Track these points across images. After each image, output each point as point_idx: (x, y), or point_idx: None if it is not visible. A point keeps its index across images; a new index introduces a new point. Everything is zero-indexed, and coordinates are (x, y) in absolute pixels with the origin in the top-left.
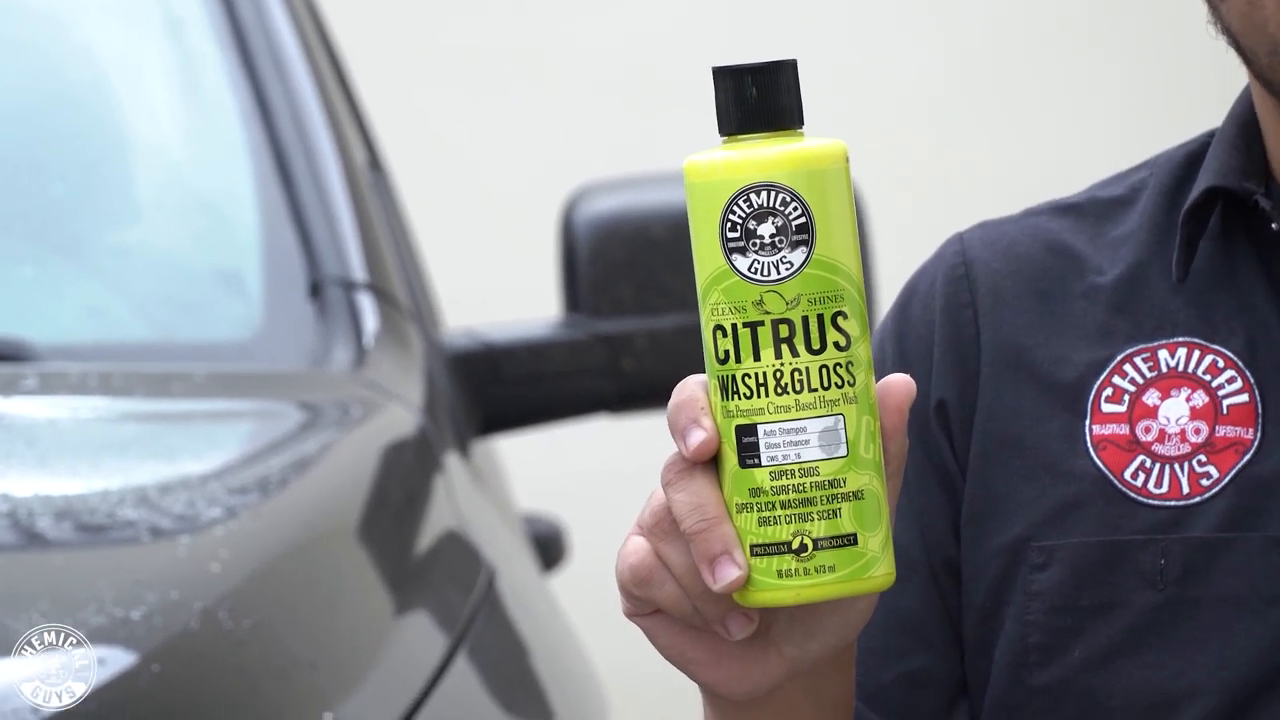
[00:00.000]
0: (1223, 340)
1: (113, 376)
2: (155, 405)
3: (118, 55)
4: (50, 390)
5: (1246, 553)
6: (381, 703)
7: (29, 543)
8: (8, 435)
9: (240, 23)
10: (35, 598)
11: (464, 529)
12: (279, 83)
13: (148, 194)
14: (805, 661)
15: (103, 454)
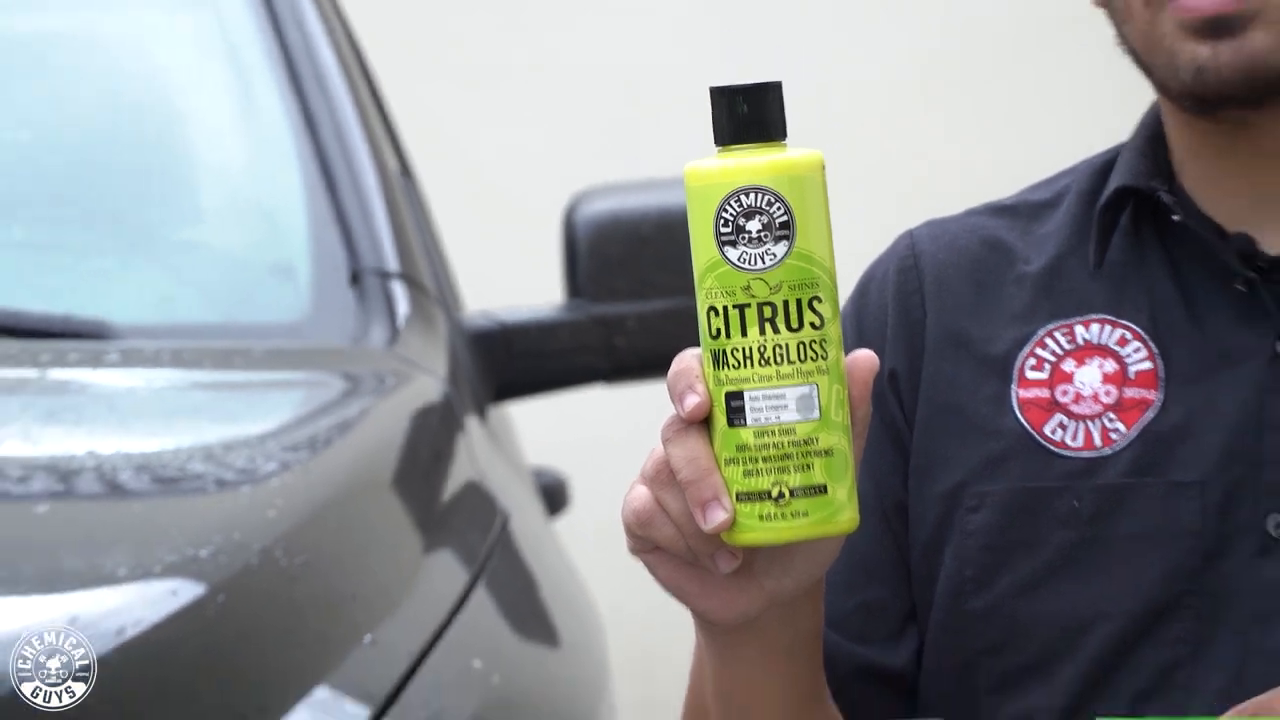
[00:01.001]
0: (1131, 317)
1: (182, 352)
2: (219, 376)
3: (185, 79)
4: (129, 364)
5: (1149, 496)
6: (412, 627)
7: (113, 492)
8: (93, 401)
9: (289, 49)
10: (119, 539)
11: (482, 480)
12: (323, 101)
13: (211, 198)
14: (783, 593)
15: (174, 417)
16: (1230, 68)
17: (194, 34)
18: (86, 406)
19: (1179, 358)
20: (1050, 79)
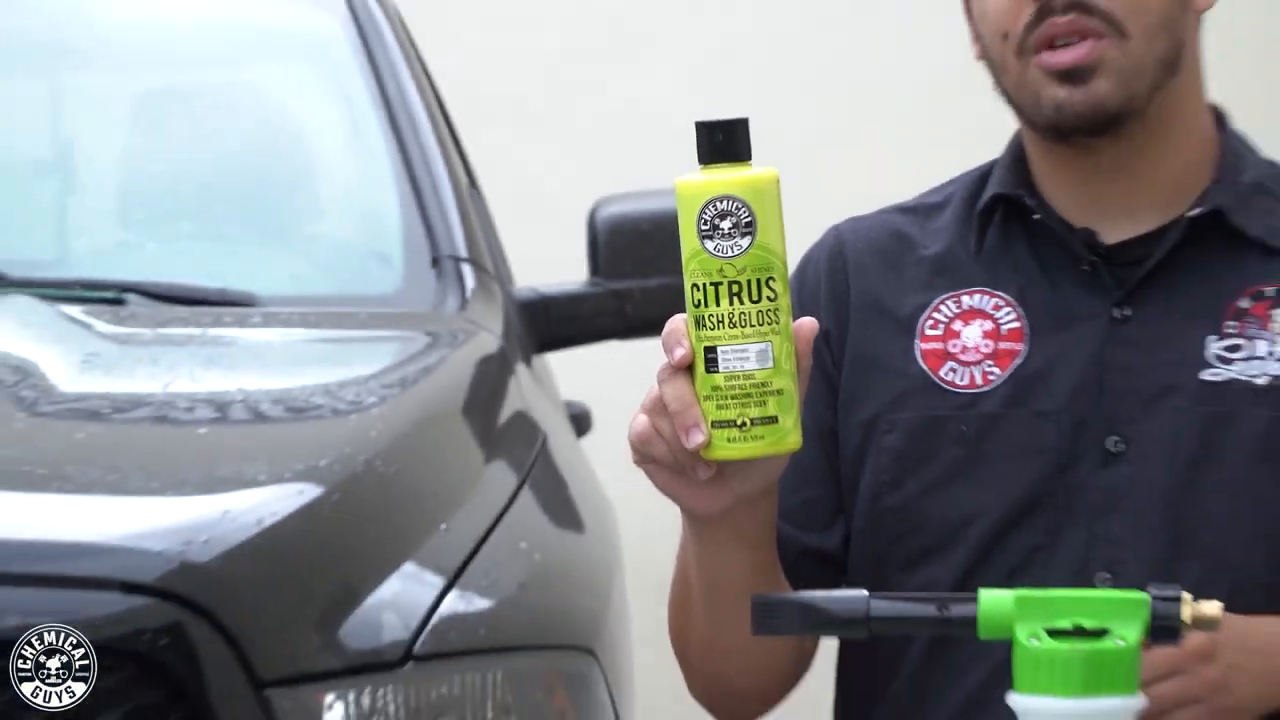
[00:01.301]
0: (1003, 288)
1: (308, 315)
2: (334, 334)
3: (311, 116)
4: (268, 324)
5: (1017, 422)
6: (476, 517)
7: (256, 419)
8: (242, 351)
9: (386, 92)
10: (260, 452)
11: (527, 410)
12: (411, 131)
13: (330, 203)
14: (746, 494)
15: (301, 363)
16: (1080, 106)
17: (316, 82)
18: (237, 355)
19: (1039, 319)
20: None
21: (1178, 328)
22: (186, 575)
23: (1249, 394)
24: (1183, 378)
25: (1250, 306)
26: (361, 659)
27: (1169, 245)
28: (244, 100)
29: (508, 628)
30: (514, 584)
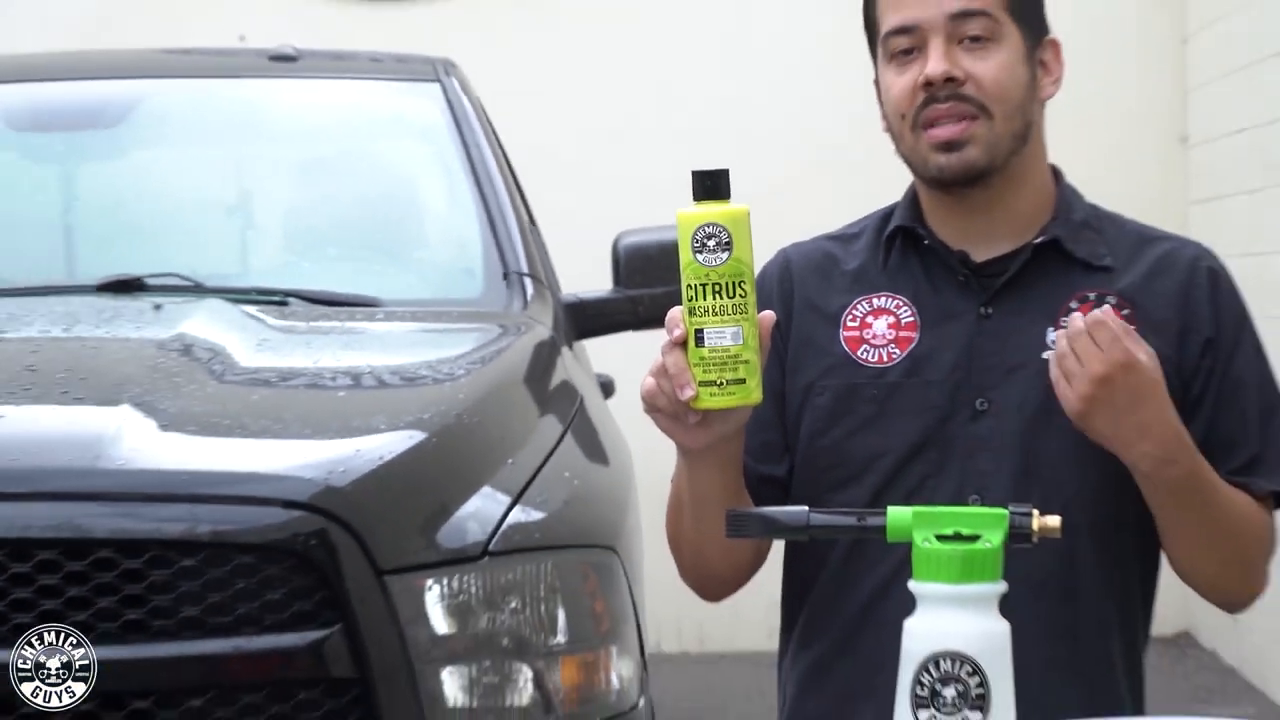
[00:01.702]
0: (902, 293)
1: (416, 313)
2: (434, 325)
3: (416, 171)
4: (388, 320)
5: (912, 388)
6: (533, 455)
7: (379, 385)
8: (369, 338)
9: (471, 155)
10: (382, 409)
11: (570, 379)
12: (489, 183)
13: (432, 234)
14: (722, 434)
15: (411, 346)
16: (956, 167)
17: (423, 149)
18: (365, 341)
19: (928, 315)
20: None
21: (1026, 322)
22: (329, 496)
23: None
24: (1029, 357)
25: (1078, 307)
26: (451, 554)
27: (1020, 263)
28: (372, 162)
29: (555, 532)
30: (560, 501)
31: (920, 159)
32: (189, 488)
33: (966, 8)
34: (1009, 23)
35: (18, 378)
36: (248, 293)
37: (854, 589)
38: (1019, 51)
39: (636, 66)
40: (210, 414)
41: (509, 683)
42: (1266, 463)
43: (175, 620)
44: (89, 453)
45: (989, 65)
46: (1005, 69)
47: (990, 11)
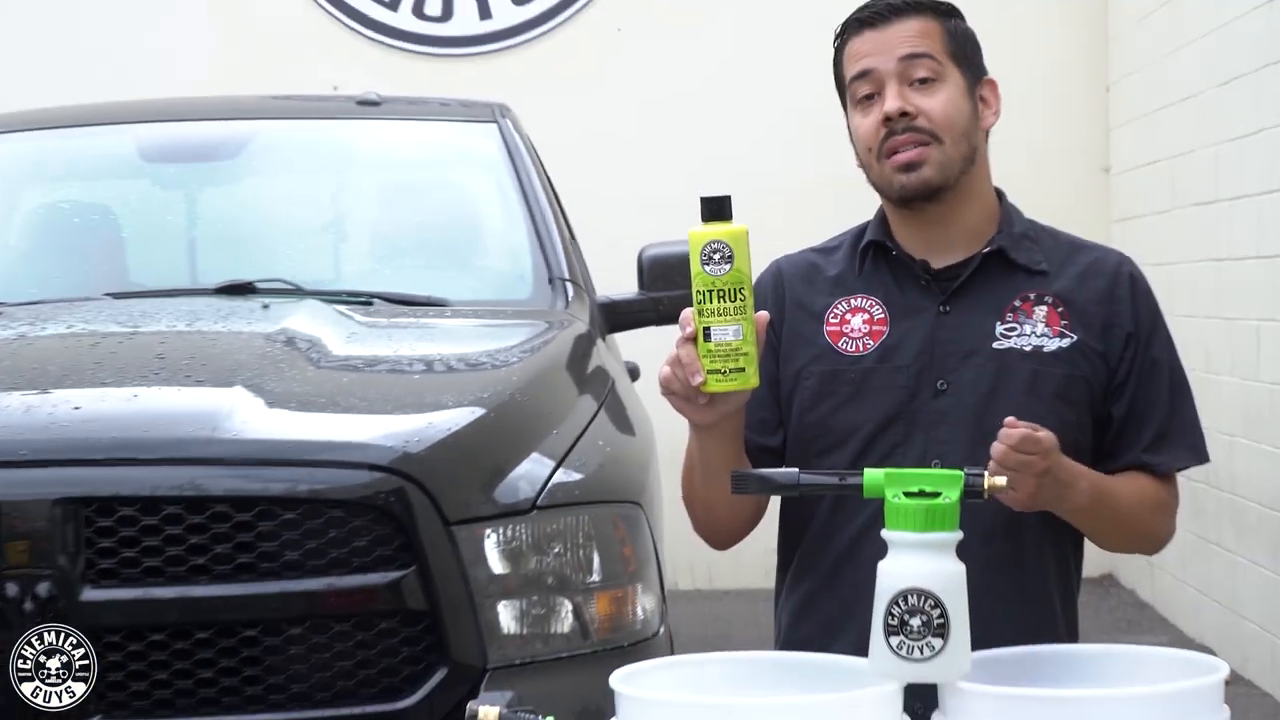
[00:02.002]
0: (875, 295)
1: (477, 311)
2: (491, 321)
3: (476, 193)
4: (455, 317)
5: (883, 372)
6: (573, 426)
7: (447, 370)
8: (439, 332)
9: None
10: (449, 389)
11: (603, 364)
12: (537, 205)
13: (490, 246)
14: (725, 413)
15: (473, 338)
16: (916, 185)
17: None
18: (435, 334)
19: (896, 313)
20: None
21: (977, 317)
22: (406, 460)
23: (1019, 356)
24: (981, 346)
25: (1020, 305)
26: (506, 508)
27: (971, 269)
28: (440, 188)
29: (590, 490)
30: (595, 465)
31: (886, 182)
32: (291, 454)
33: (913, 51)
34: (950, 65)
35: (150, 364)
36: (339, 295)
37: (836, 537)
38: (961, 88)
39: (658, 111)
40: (308, 393)
41: (553, 614)
42: (1174, 435)
43: (279, 563)
44: (208, 425)
45: (936, 100)
46: (950, 103)
47: (933, 54)
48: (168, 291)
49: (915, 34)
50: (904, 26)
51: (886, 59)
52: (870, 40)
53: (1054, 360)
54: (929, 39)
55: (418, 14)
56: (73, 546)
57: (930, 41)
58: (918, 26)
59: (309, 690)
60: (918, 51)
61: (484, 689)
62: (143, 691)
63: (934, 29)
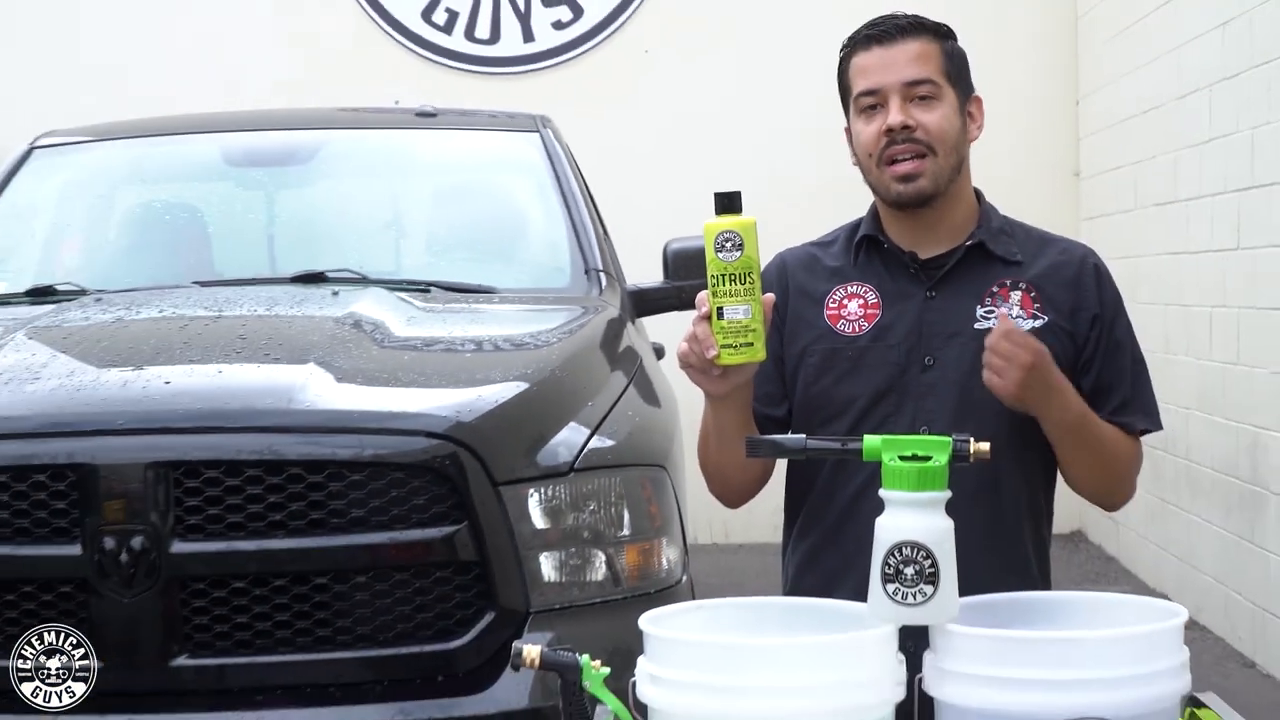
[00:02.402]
0: (869, 282)
1: (522, 297)
2: (534, 306)
3: (520, 194)
4: (502, 302)
5: (878, 350)
6: (606, 398)
7: (495, 349)
8: (488, 316)
9: (561, 184)
10: (496, 366)
11: (633, 344)
12: (575, 206)
13: (534, 240)
14: (736, 384)
15: (518, 321)
16: (910, 194)
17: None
18: (484, 318)
19: (888, 298)
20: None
21: (960, 302)
22: (459, 429)
23: None
24: (964, 327)
25: (998, 290)
26: (546, 470)
27: (955, 259)
28: (489, 189)
29: (621, 454)
30: (625, 433)
31: (884, 187)
32: (357, 423)
33: (916, 77)
34: (946, 86)
35: (232, 344)
36: (400, 283)
37: (837, 496)
38: (954, 106)
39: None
40: (372, 369)
41: (588, 564)
42: (1135, 404)
43: (346, 519)
44: (284, 398)
45: (933, 116)
46: (945, 119)
47: (933, 78)
48: (248, 280)
49: (917, 56)
50: (908, 47)
51: (893, 79)
52: (877, 56)
53: None
54: (929, 61)
55: (469, 37)
56: (163, 505)
57: (930, 64)
58: (919, 48)
59: (372, 632)
60: (920, 78)
61: (527, 631)
62: (225, 633)
63: (934, 51)
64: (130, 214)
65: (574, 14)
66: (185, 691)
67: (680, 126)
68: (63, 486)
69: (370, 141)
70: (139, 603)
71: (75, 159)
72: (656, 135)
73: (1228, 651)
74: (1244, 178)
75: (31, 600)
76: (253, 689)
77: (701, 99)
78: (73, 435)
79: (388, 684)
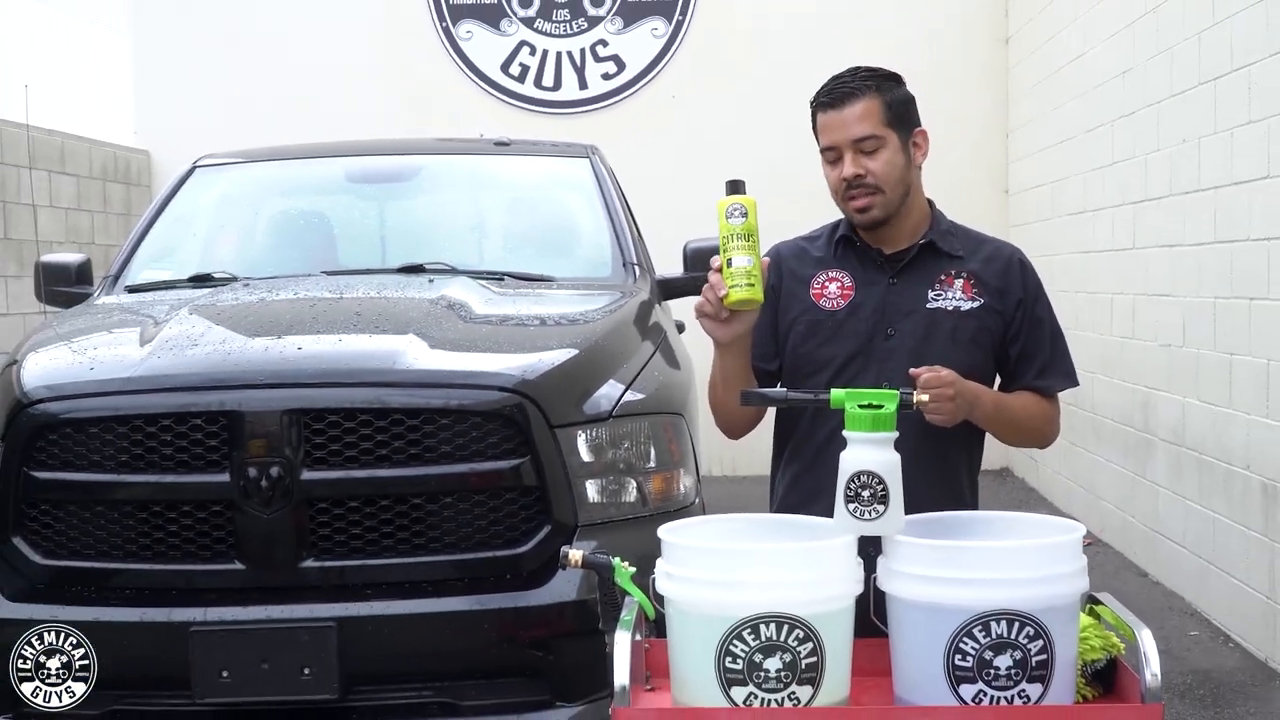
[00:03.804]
0: (845, 269)
1: (574, 284)
2: (583, 291)
3: (576, 207)
4: (559, 289)
5: (851, 322)
6: (637, 362)
7: (550, 324)
8: (548, 299)
9: (605, 197)
10: (550, 338)
11: (660, 321)
12: (617, 214)
13: (584, 241)
14: (740, 331)
15: (569, 303)
16: (866, 222)
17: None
18: (545, 300)
19: (859, 283)
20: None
21: (916, 287)
22: (524, 384)
23: (945, 313)
24: (918, 306)
25: (944, 279)
26: (591, 416)
27: (912, 254)
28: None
29: (649, 404)
30: (652, 388)
31: (848, 214)
32: (446, 380)
33: (862, 135)
34: (889, 131)
35: (351, 318)
36: (481, 273)
37: (815, 435)
38: (896, 148)
39: (699, 150)
40: (458, 338)
41: (623, 489)
42: (1052, 368)
43: (437, 454)
44: (390, 359)
45: (878, 163)
46: (888, 164)
47: (875, 133)
48: (364, 270)
49: (862, 116)
50: (854, 109)
51: (844, 138)
52: (832, 118)
53: (968, 316)
54: (870, 118)
55: (537, 85)
56: (295, 443)
57: (871, 120)
58: (863, 109)
59: (456, 541)
60: (864, 135)
61: (575, 540)
62: (342, 542)
63: (875, 107)
64: (272, 218)
65: (618, 68)
66: (310, 587)
67: (697, 153)
68: (215, 429)
69: (459, 164)
70: (275, 519)
71: (229, 175)
72: (679, 160)
73: (1125, 564)
74: (1138, 193)
75: (189, 517)
76: (363, 585)
77: (716, 131)
78: (224, 389)
79: (468, 581)
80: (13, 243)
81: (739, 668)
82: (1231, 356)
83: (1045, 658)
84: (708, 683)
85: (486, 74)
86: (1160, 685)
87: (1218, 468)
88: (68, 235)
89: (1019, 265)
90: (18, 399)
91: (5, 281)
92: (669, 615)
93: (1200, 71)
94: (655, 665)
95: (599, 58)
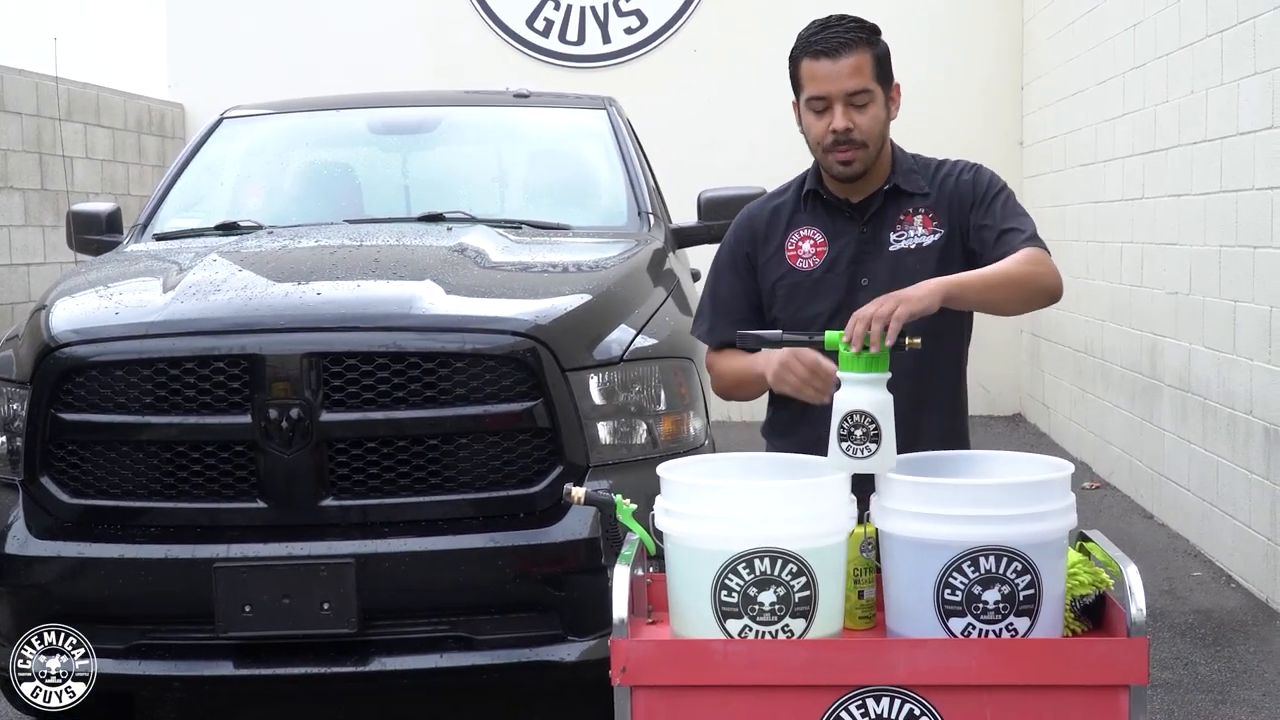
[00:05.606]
0: (816, 225)
1: (591, 232)
2: (599, 239)
3: (594, 157)
4: (576, 237)
5: (829, 278)
6: (649, 308)
7: (568, 270)
8: (565, 246)
9: (622, 148)
10: (565, 283)
11: (673, 269)
12: (634, 164)
13: (601, 190)
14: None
15: (586, 250)
16: (848, 175)
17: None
18: (561, 248)
19: (831, 237)
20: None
21: (883, 233)
22: (537, 329)
23: (907, 253)
24: (884, 250)
25: (905, 217)
26: (603, 360)
27: (878, 202)
28: (568, 152)
29: (659, 349)
30: (664, 334)
31: (829, 166)
32: (461, 324)
33: (855, 88)
34: (876, 88)
35: (370, 265)
36: (499, 221)
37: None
38: (881, 102)
39: (717, 104)
40: (474, 285)
41: (633, 431)
42: (1012, 230)
43: (452, 396)
44: (406, 305)
45: (866, 118)
46: (874, 119)
47: (868, 87)
48: (385, 219)
49: (856, 70)
50: (847, 61)
51: (837, 89)
52: (825, 68)
53: (929, 250)
54: (864, 72)
55: (562, 40)
56: (315, 385)
57: (864, 74)
58: (857, 62)
59: (471, 480)
60: (857, 89)
61: (587, 480)
62: (360, 481)
63: (867, 61)
64: (297, 169)
65: (641, 22)
66: (330, 525)
67: (715, 107)
68: (238, 371)
69: (479, 116)
70: (295, 458)
71: (255, 126)
72: (698, 113)
73: (1132, 506)
74: (1147, 144)
75: (212, 458)
76: (381, 523)
77: (734, 86)
78: (247, 332)
79: (483, 519)
80: (49, 194)
81: (734, 601)
82: (1235, 304)
83: (1033, 592)
84: (704, 616)
85: (512, 28)
86: (1145, 620)
87: (1221, 412)
88: (103, 186)
89: (972, 172)
90: (45, 343)
91: (43, 231)
92: (667, 550)
93: (1208, 23)
94: (658, 599)
95: (622, 12)
